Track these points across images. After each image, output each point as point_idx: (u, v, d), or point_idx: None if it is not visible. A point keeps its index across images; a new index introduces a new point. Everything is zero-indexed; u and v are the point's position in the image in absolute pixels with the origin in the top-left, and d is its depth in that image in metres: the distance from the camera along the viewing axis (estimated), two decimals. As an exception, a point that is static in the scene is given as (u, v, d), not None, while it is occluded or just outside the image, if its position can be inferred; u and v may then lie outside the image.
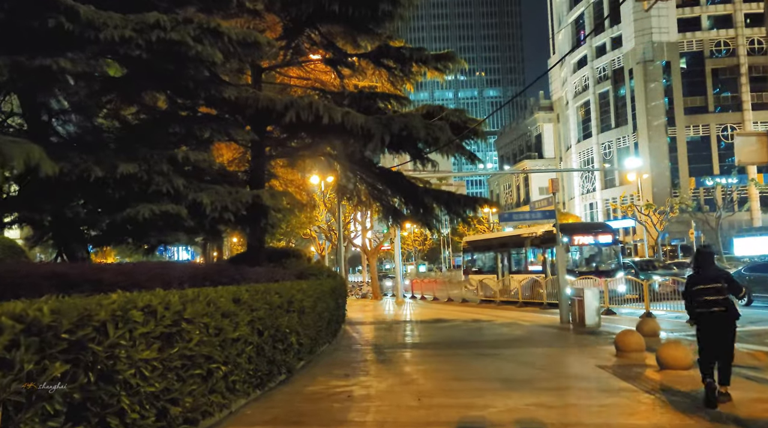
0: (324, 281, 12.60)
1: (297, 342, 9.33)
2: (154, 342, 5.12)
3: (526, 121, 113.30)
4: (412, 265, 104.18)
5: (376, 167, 17.45)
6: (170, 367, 5.36)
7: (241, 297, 7.14)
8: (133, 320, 4.83)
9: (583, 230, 27.29)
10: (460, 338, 15.47)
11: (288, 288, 8.95)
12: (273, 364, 8.31)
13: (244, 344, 7.08)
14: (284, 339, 8.66)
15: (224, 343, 6.48)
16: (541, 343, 14.04)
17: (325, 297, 11.85)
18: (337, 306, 13.88)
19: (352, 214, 42.34)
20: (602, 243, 26.04)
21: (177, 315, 5.49)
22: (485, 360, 11.54)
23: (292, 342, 9.02)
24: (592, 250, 26.38)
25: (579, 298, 17.66)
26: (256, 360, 7.57)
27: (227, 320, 6.56)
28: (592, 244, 26.08)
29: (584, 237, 26.08)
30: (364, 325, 19.90)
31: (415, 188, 17.04)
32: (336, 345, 13.89)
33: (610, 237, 26.26)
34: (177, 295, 5.72)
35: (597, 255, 26.45)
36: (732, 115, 75.66)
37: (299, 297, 9.38)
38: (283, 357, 8.70)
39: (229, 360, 6.63)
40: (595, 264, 26.05)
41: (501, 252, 30.40)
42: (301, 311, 9.52)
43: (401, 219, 18.87)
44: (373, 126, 13.48)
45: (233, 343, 6.74)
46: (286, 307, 8.70)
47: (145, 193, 10.35)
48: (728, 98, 77.12)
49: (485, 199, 18.15)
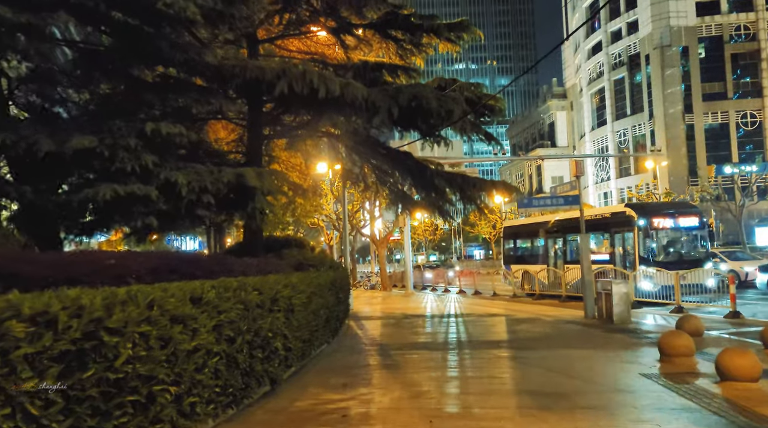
0: (322, 273, 11.02)
1: (284, 348, 7.78)
2: (51, 367, 3.57)
3: (539, 109, 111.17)
4: (423, 255, 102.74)
5: (382, 147, 15.83)
6: (80, 398, 3.81)
7: (204, 296, 5.58)
8: (11, 335, 3.28)
9: (663, 211, 22.59)
10: (479, 336, 13.88)
11: (272, 283, 7.38)
12: (251, 376, 6.75)
13: (207, 355, 5.52)
14: (266, 346, 7.10)
15: (174, 357, 4.92)
16: (567, 343, 12.44)
17: (323, 292, 10.28)
18: (337, 301, 12.30)
19: (361, 202, 40.79)
20: (688, 227, 22.07)
21: (94, 324, 3.93)
22: (509, 366, 9.95)
23: (276, 348, 7.46)
24: (674, 236, 22.35)
25: (606, 291, 16.06)
26: (225, 374, 6.02)
27: (179, 327, 4.99)
28: (675, 229, 21.99)
29: (666, 220, 21.81)
30: (370, 320, 18.33)
31: (425, 169, 15.41)
32: (336, 346, 12.33)
33: (697, 220, 22.24)
34: (101, 296, 4.16)
35: (680, 241, 22.51)
36: (752, 101, 73.53)
37: (286, 293, 7.80)
38: (264, 366, 7.13)
39: (183, 378, 5.07)
40: (677, 253, 22.09)
41: (552, 238, 26.64)
42: (288, 310, 7.96)
43: (410, 205, 17.26)
44: (378, 98, 11.88)
45: (189, 356, 5.18)
46: (268, 306, 7.13)
47: (109, 171, 8.81)
48: (748, 84, 74.90)
49: (503, 183, 16.48)
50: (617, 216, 22.75)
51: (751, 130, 74.16)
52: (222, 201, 9.84)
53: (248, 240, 16.73)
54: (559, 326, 15.50)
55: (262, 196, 9.98)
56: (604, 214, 24.03)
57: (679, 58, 74.34)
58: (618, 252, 22.48)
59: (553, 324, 15.93)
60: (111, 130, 9.11)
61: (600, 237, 24.39)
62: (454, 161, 37.09)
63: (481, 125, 16.39)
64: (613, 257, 22.54)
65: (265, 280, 7.28)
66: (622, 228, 22.14)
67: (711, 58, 74.75)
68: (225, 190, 9.56)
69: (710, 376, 8.49)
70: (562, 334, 14.02)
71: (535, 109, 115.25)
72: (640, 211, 22.14)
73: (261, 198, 9.93)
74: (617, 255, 22.45)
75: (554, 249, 26.64)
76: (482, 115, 16.33)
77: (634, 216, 21.60)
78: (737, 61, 74.81)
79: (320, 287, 9.96)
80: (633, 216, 21.64)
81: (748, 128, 74.11)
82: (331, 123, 12.52)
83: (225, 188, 9.52)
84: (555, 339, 13.13)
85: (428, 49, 17.57)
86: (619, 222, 22.34)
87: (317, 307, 9.67)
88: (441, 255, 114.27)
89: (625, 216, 22.05)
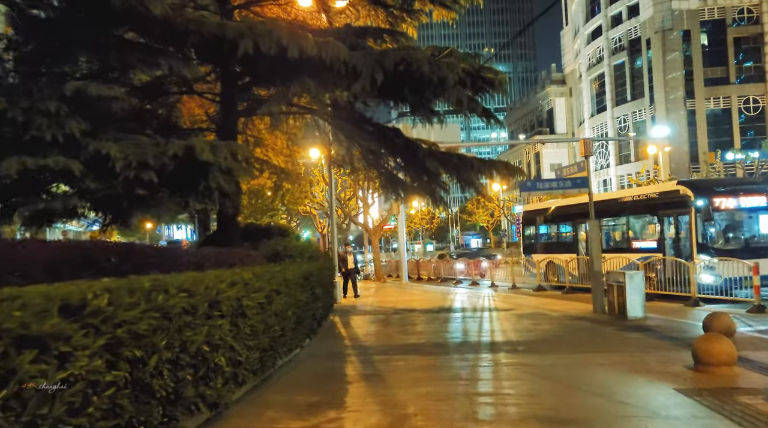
0: (289, 266, 9.31)
1: (230, 363, 6.11)
2: None
3: (537, 96, 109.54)
4: (419, 244, 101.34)
5: (369, 124, 14.09)
6: None
7: (89, 304, 3.89)
8: None
9: (726, 189, 18.85)
10: (477, 337, 12.24)
11: (210, 281, 5.68)
12: (176, 405, 5.08)
13: (91, 388, 3.85)
14: (201, 363, 5.42)
15: (19, 404, 3.25)
16: (577, 345, 10.79)
17: (291, 289, 8.59)
18: (313, 297, 10.58)
19: (354, 189, 39.11)
20: (755, 207, 18.49)
21: None
22: (514, 377, 8.30)
23: (219, 364, 5.78)
24: (740, 218, 18.89)
25: (618, 283, 14.42)
26: (131, 408, 4.34)
27: (29, 354, 3.30)
28: (741, 210, 18.50)
29: (729, 200, 18.25)
30: (358, 315, 16.70)
31: (417, 149, 13.66)
32: (312, 349, 10.68)
33: (766, 200, 18.50)
34: None
35: (747, 225, 19.02)
36: (754, 86, 71.93)
37: (233, 293, 6.10)
38: (199, 389, 5.46)
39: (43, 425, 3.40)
40: (743, 239, 18.79)
41: (584, 223, 22.78)
42: (237, 314, 6.27)
43: (401, 190, 15.54)
44: (360, 61, 10.16)
45: (52, 398, 3.49)
46: (204, 312, 5.44)
47: (22, 139, 7.11)
48: (750, 69, 73.22)
49: (505, 164, 14.70)
50: (668, 196, 19.47)
51: (754, 116, 72.72)
52: (171, 180, 8.15)
53: (222, 229, 15.17)
54: (565, 323, 13.87)
55: (219, 174, 8.27)
56: (650, 194, 20.56)
57: (681, 42, 72.60)
58: (668, 238, 19.34)
59: (559, 320, 14.30)
60: (29, 92, 7.42)
61: (645, 222, 21.02)
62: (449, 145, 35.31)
63: (478, 102, 14.69)
64: (662, 244, 19.38)
65: (200, 278, 5.57)
66: (673, 210, 19.06)
67: (713, 42, 73.14)
68: (171, 166, 7.86)
69: (760, 392, 6.88)
70: (570, 333, 12.38)
71: (533, 95, 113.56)
72: (698, 188, 18.82)
73: (217, 176, 8.22)
74: (667, 242, 19.33)
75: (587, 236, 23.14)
76: (481, 91, 14.60)
77: (689, 195, 18.39)
78: (740, 45, 73.20)
79: (287, 283, 8.28)
80: (688, 195, 18.43)
81: (750, 114, 72.64)
82: (307, 92, 10.75)
83: (171, 163, 7.82)
84: (563, 340, 11.50)
85: (421, 16, 15.87)
86: (670, 202, 19.21)
87: (282, 308, 7.99)
88: (438, 243, 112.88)
89: (678, 195, 18.83)
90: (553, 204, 26.94)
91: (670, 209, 19.16)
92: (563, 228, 25.03)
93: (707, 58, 72.61)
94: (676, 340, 10.77)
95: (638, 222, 21.35)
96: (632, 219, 21.42)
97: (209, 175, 8.18)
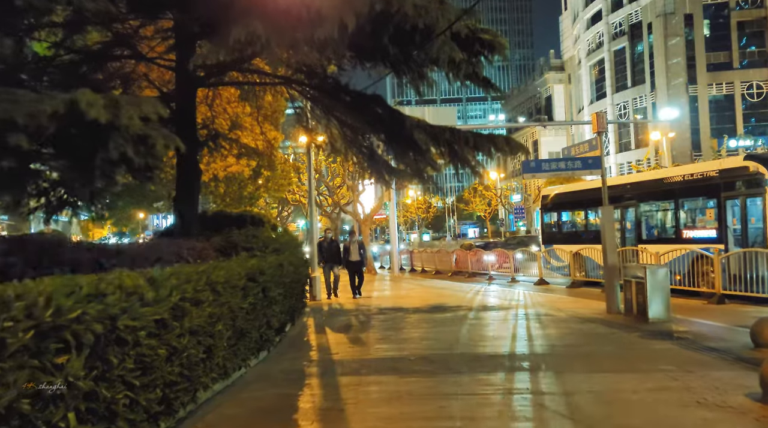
0: (230, 263, 7.08)
1: (91, 418, 3.94)
2: None
3: (536, 83, 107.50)
4: (416, 234, 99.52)
5: (346, 92, 11.82)
6: None
7: None
8: None
9: None
10: (472, 347, 10.11)
11: (50, 291, 3.51)
12: None
13: None
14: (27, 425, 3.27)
15: None
16: (595, 360, 8.66)
17: (223, 295, 6.35)
18: (267, 302, 8.21)
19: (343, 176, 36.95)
20: None
21: None
22: (520, 413, 6.16)
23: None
24: None
25: (637, 279, 12.26)
26: None
27: None
28: None
29: None
30: (335, 316, 14.56)
31: (402, 119, 11.39)
32: (266, 367, 8.49)
33: None
34: None
35: None
36: (758, 71, 69.97)
37: (93, 312, 3.88)
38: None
39: None
40: None
41: (622, 208, 19.78)
42: (108, 343, 4.09)
43: (386, 171, 13.34)
44: (326, 1, 7.95)
45: None
46: (25, 345, 3.28)
47: None
48: (754, 53, 71.17)
49: (506, 139, 12.38)
50: (732, 173, 15.99)
51: (757, 102, 70.84)
52: (51, 144, 5.96)
53: (182, 218, 13.15)
54: (574, 327, 11.71)
55: (123, 142, 6.08)
56: (707, 172, 16.82)
57: (683, 26, 70.46)
58: (731, 225, 16.17)
59: (567, 324, 12.15)
60: None
61: (700, 206, 17.60)
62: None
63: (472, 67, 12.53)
64: (723, 233, 16.13)
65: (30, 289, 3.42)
66: (740, 191, 15.80)
67: (716, 26, 71.09)
68: (52, 128, 5.68)
69: None
70: (584, 341, 10.22)
71: (531, 82, 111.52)
72: None
73: (120, 142, 6.03)
74: (729, 230, 16.12)
75: (624, 224, 20.09)
76: (478, 54, 12.43)
77: (763, 171, 15.06)
78: (743, 29, 71.04)
79: (214, 287, 6.06)
80: (762, 172, 15.07)
81: (753, 100, 70.72)
82: (256, 40, 8.52)
83: (51, 124, 5.64)
84: (578, 352, 9.35)
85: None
86: (735, 181, 15.90)
87: (205, 322, 5.80)
88: (435, 233, 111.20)
89: (747, 173, 15.48)
90: (576, 186, 24.10)
91: (735, 190, 15.90)
92: (592, 214, 21.59)
93: (710, 42, 70.76)
94: (719, 353, 8.66)
95: (691, 206, 17.91)
96: (682, 203, 17.90)
97: (110, 142, 6.00)
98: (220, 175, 20.17)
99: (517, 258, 25.13)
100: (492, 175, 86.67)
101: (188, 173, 13.35)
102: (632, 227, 19.66)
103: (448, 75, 12.11)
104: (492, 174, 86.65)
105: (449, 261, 29.31)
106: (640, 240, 19.02)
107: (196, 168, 13.71)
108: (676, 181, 17.77)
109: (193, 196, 13.51)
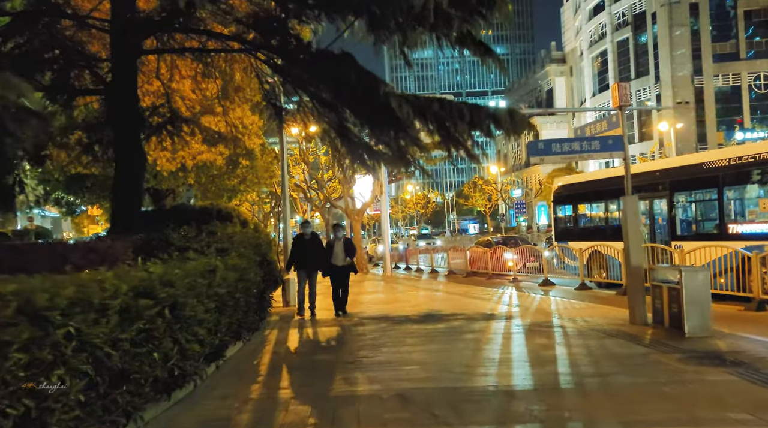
0: (116, 273, 4.82)
1: None
2: None
3: (537, 75, 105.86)
4: (414, 230, 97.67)
5: (308, 52, 9.52)
6: None
7: None
8: None
9: None
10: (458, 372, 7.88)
11: None
12: None
13: None
14: None
15: None
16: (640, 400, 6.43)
17: (85, 326, 4.08)
18: (180, 325, 5.78)
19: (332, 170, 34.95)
20: None
21: None
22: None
23: None
24: None
25: (670, 284, 9.96)
26: None
27: None
28: None
29: None
30: (305, 328, 12.31)
31: (375, 84, 9.04)
32: (184, 412, 6.28)
33: None
34: None
35: None
36: (766, 61, 68.23)
37: None
38: None
39: None
40: None
41: (652, 199, 17.08)
42: None
43: (365, 152, 11.11)
44: None
45: None
46: None
47: None
48: (762, 43, 69.33)
49: (510, 112, 10.07)
50: None
51: (764, 93, 68.79)
52: None
53: (121, 213, 11.22)
54: (592, 344, 9.49)
55: None
56: (761, 155, 13.77)
57: (689, 15, 68.50)
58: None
59: (584, 339, 9.93)
60: None
61: (753, 196, 14.43)
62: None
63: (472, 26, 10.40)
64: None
65: None
66: None
67: (722, 16, 69.19)
68: None
69: None
70: (607, 366, 7.97)
71: (532, 75, 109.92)
72: None
73: None
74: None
75: (660, 216, 17.16)
76: (475, 13, 10.26)
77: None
78: (750, 18, 69.12)
79: (32, 314, 3.72)
80: None
81: (760, 91, 68.77)
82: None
83: None
84: (599, 386, 7.11)
85: None
86: None
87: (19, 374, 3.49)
88: (434, 228, 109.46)
89: None
90: (595, 175, 21.07)
91: None
92: (614, 206, 18.50)
93: (716, 32, 68.99)
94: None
95: (740, 195, 14.89)
96: (729, 193, 14.87)
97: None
98: (188, 163, 17.90)
99: (547, 257, 21.20)
100: (492, 169, 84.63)
101: (128, 159, 11.33)
102: (665, 221, 16.80)
103: (438, 38, 9.98)
104: (492, 168, 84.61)
105: (476, 258, 25.63)
106: (674, 235, 16.18)
107: (139, 153, 11.68)
108: (722, 165, 14.68)
109: (134, 186, 11.47)
